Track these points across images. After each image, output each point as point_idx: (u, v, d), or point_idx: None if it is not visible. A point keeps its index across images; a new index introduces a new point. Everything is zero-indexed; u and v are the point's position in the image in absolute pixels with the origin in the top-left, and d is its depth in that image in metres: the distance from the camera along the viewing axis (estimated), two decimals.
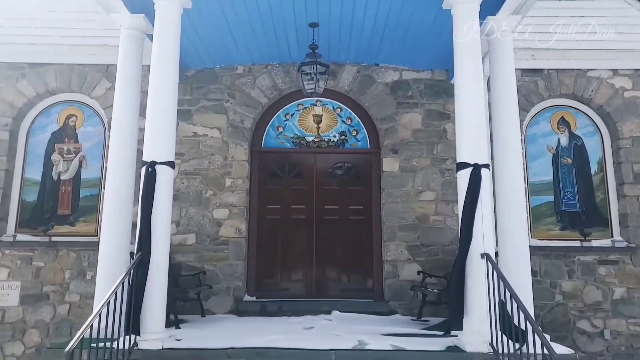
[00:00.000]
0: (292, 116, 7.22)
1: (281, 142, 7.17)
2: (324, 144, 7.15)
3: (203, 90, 6.94)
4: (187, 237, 6.55)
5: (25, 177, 6.82)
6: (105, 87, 6.74)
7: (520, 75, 6.61)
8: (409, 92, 6.98)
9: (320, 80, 6.04)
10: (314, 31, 5.88)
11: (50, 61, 6.79)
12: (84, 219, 6.73)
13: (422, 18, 5.54)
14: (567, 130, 7.04)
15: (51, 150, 6.88)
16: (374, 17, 5.60)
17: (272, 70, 7.02)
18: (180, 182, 6.61)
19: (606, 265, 6.50)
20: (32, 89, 6.82)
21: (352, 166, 7.13)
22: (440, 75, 6.99)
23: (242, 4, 5.24)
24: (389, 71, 7.02)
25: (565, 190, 6.85)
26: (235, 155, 6.80)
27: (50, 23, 6.64)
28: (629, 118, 6.81)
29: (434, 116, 6.90)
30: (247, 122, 6.91)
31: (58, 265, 6.44)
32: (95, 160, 6.85)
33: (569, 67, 6.88)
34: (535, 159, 6.92)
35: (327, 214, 6.90)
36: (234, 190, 6.69)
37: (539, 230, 6.76)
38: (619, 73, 6.91)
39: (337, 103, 7.23)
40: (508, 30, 5.20)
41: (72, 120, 6.96)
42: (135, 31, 5.21)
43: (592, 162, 6.94)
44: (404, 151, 6.82)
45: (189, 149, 6.77)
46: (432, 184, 6.73)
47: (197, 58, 6.66)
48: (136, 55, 5.25)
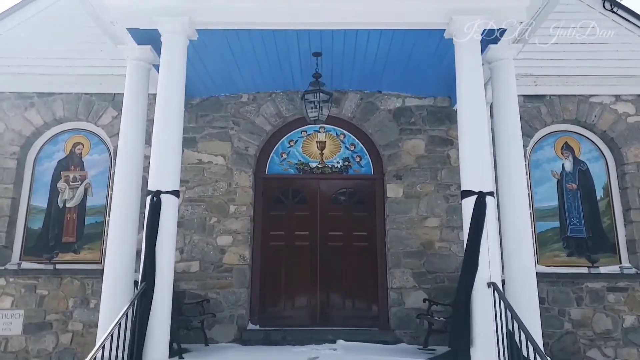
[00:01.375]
0: (295, 143, 7.27)
1: (285, 168, 7.20)
2: (328, 170, 7.17)
3: (208, 118, 7.02)
4: (190, 265, 6.53)
5: (31, 205, 6.86)
6: (112, 116, 6.83)
7: (522, 101, 6.65)
8: (412, 118, 7.02)
9: (323, 108, 6.12)
10: (317, 60, 5.97)
11: (59, 91, 6.92)
12: (89, 246, 6.74)
13: (424, 47, 5.61)
14: (571, 155, 7.03)
15: (57, 178, 6.94)
16: (376, 47, 5.69)
17: (276, 98, 7.10)
18: (184, 209, 6.62)
19: (615, 292, 6.39)
20: (40, 118, 6.92)
21: (356, 192, 7.13)
22: (443, 101, 7.04)
23: (246, 35, 5.33)
24: (391, 98, 7.08)
25: (571, 216, 6.81)
26: (240, 181, 6.83)
27: (59, 54, 6.81)
28: (633, 143, 6.81)
29: (437, 142, 6.92)
30: (251, 149, 6.95)
31: (62, 294, 6.41)
32: (100, 188, 6.90)
33: (571, 92, 6.92)
34: (540, 185, 6.90)
35: (331, 240, 6.87)
36: (238, 217, 6.69)
37: (546, 256, 6.69)
38: (622, 99, 6.94)
39: (340, 129, 7.28)
40: (509, 58, 5.26)
41: (78, 148, 7.04)
42: (141, 62, 5.30)
43: (597, 188, 6.91)
44: (407, 177, 6.82)
45: (194, 176, 6.80)
46: (437, 210, 6.70)
47: (203, 87, 6.75)
48: (142, 85, 5.33)
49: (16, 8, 6.97)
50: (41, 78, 6.85)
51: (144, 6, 4.68)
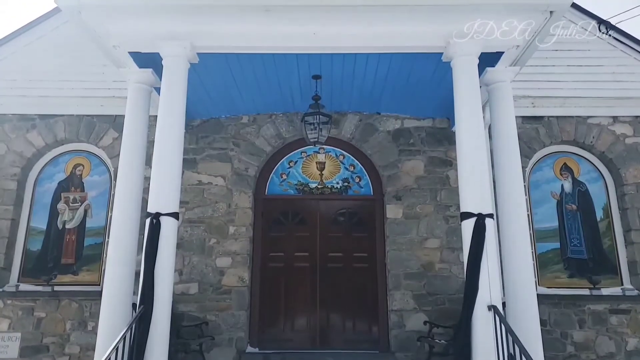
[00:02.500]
0: (295, 163, 7.29)
1: (285, 189, 7.21)
2: (327, 191, 7.18)
3: (208, 140, 7.06)
4: (189, 287, 6.49)
5: (31, 226, 6.85)
6: (113, 137, 6.87)
7: (521, 123, 6.69)
8: (411, 139, 7.06)
9: (323, 129, 6.16)
10: (316, 83, 6.04)
11: (60, 112, 6.97)
12: (88, 267, 6.70)
13: (422, 70, 5.67)
14: (571, 176, 7.05)
15: (57, 199, 6.95)
16: (374, 70, 5.75)
17: (276, 119, 7.15)
18: (184, 230, 6.62)
19: (618, 315, 6.33)
20: (41, 140, 6.96)
21: (356, 213, 7.13)
22: (442, 123, 7.09)
23: (247, 59, 5.40)
24: (390, 119, 7.13)
25: (572, 237, 6.79)
26: (239, 202, 6.83)
27: (61, 76, 6.89)
28: (632, 164, 6.83)
29: (436, 163, 6.95)
30: (251, 169, 6.98)
31: (59, 316, 6.36)
32: (100, 209, 6.90)
33: (569, 114, 6.97)
34: (540, 205, 6.90)
35: (331, 261, 6.84)
36: (237, 238, 6.68)
37: (547, 277, 6.65)
38: (619, 120, 6.99)
39: (340, 150, 7.32)
40: (507, 80, 5.29)
41: (78, 170, 7.06)
42: (143, 85, 5.34)
43: (597, 208, 6.91)
44: (407, 198, 6.83)
45: (194, 197, 6.81)
46: (437, 231, 6.69)
47: (203, 108, 6.81)
48: (143, 107, 5.37)
49: (19, 32, 7.08)
50: (43, 100, 6.92)
51: (146, 31, 4.74)
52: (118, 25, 4.77)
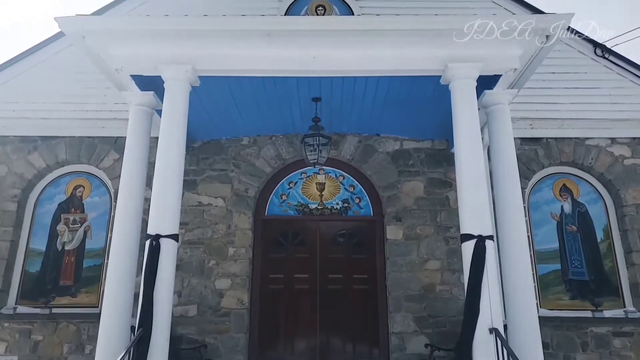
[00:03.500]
0: (295, 184, 7.31)
1: (285, 210, 7.21)
2: (327, 212, 7.18)
3: (209, 161, 7.09)
4: (188, 309, 6.43)
5: (30, 248, 6.83)
6: (113, 159, 6.91)
7: (519, 144, 6.74)
8: (410, 160, 7.09)
9: (322, 150, 6.20)
10: (316, 105, 6.09)
11: (62, 134, 7.02)
12: (86, 289, 6.66)
13: (421, 92, 5.73)
14: (570, 197, 7.05)
15: (57, 220, 6.94)
16: (374, 92, 5.82)
17: (277, 141, 7.20)
18: (183, 251, 6.59)
19: (621, 337, 6.26)
20: (42, 161, 7.00)
21: (356, 233, 7.11)
22: (441, 144, 7.13)
23: (248, 82, 5.46)
24: (389, 141, 7.17)
25: (573, 258, 6.76)
26: (239, 223, 6.83)
27: (63, 98, 6.98)
28: (631, 185, 6.84)
29: (435, 184, 6.96)
30: (251, 190, 6.99)
31: (57, 339, 6.29)
32: (100, 230, 6.89)
33: (567, 135, 7.01)
34: (540, 227, 6.89)
35: (331, 283, 6.80)
36: (237, 260, 6.65)
37: (548, 299, 6.60)
38: (617, 141, 7.03)
39: (339, 171, 7.34)
40: (505, 103, 5.34)
41: (79, 191, 7.07)
42: (144, 107, 5.39)
43: (597, 230, 6.89)
44: (407, 219, 6.82)
45: (193, 218, 6.81)
46: (437, 253, 6.67)
47: (204, 130, 6.86)
48: (145, 130, 5.41)
49: (24, 55, 7.19)
50: (45, 122, 6.98)
51: (149, 55, 4.81)
52: (121, 49, 4.86)
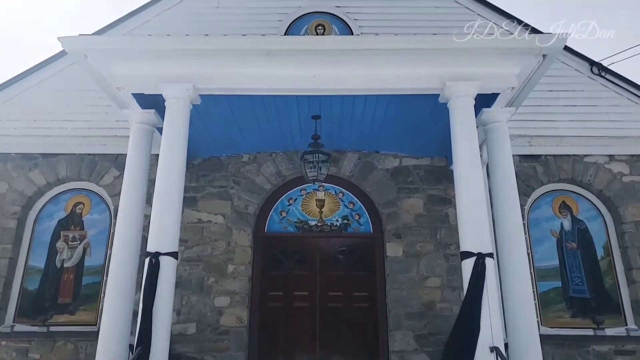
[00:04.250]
0: (295, 201, 7.32)
1: (284, 226, 7.21)
2: (327, 228, 7.18)
3: (209, 178, 7.11)
4: (187, 327, 6.39)
5: (29, 265, 6.81)
6: (114, 176, 6.93)
7: (518, 161, 6.78)
8: (410, 177, 7.11)
9: (322, 167, 6.23)
10: (316, 123, 6.14)
11: (63, 152, 7.05)
12: (85, 307, 6.62)
13: (419, 110, 5.78)
14: (569, 214, 7.06)
15: (57, 237, 6.93)
16: (373, 110, 5.86)
17: (276, 158, 7.23)
18: (182, 269, 6.57)
19: (623, 356, 6.21)
20: (43, 178, 7.02)
21: (356, 250, 7.10)
22: (440, 161, 7.16)
23: (248, 100, 5.51)
24: (389, 158, 7.21)
25: (573, 276, 6.74)
26: (239, 240, 6.82)
27: (65, 116, 7.04)
28: (630, 202, 6.85)
29: (435, 201, 6.97)
30: (251, 207, 7.00)
31: (54, 357, 6.23)
32: (99, 248, 6.87)
33: (566, 152, 7.04)
34: (540, 244, 6.88)
35: (330, 300, 6.76)
36: (236, 277, 6.63)
37: (549, 317, 6.56)
38: (615, 158, 7.06)
39: (339, 188, 7.36)
40: (503, 120, 5.38)
41: (79, 208, 7.08)
42: (145, 125, 5.43)
43: (597, 247, 6.88)
44: (407, 236, 6.82)
45: (193, 235, 6.80)
46: (437, 270, 6.65)
47: (204, 147, 6.89)
48: (145, 147, 5.44)
49: (26, 74, 7.27)
50: (46, 139, 7.02)
51: (150, 74, 4.86)
52: (122, 68, 4.91)
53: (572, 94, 7.17)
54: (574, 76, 7.30)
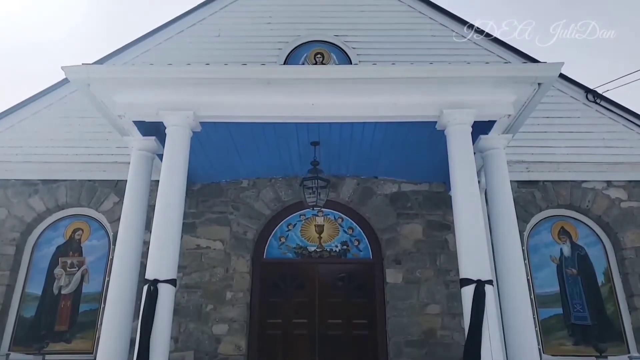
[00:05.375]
0: (294, 226, 7.32)
1: (283, 252, 7.19)
2: (326, 254, 7.16)
3: (208, 204, 7.12)
4: (185, 355, 6.30)
5: (26, 292, 6.76)
6: (113, 202, 6.94)
7: (516, 187, 6.80)
8: (409, 203, 7.13)
9: (321, 193, 6.26)
10: (315, 149, 6.19)
11: (63, 178, 7.09)
12: (81, 335, 6.55)
13: (417, 137, 5.83)
14: (569, 240, 7.05)
15: (55, 263, 6.90)
16: (371, 137, 5.92)
17: (276, 183, 7.26)
18: (180, 295, 6.52)
19: None
20: (42, 204, 7.03)
21: (355, 277, 7.06)
22: (438, 187, 7.18)
23: (248, 127, 5.57)
24: (387, 183, 7.24)
25: (574, 302, 6.69)
26: (237, 267, 6.79)
27: (66, 142, 7.12)
28: (629, 228, 6.85)
29: (434, 227, 6.97)
30: (250, 233, 6.99)
31: None
32: (97, 274, 6.83)
33: (563, 178, 7.07)
34: (540, 270, 6.85)
35: (330, 328, 6.69)
36: (235, 304, 6.57)
37: (551, 345, 6.49)
38: (613, 184, 7.09)
39: (338, 213, 7.36)
40: (500, 147, 5.42)
41: (78, 234, 7.07)
42: (146, 152, 5.47)
43: (598, 273, 6.85)
44: (406, 262, 6.79)
45: (191, 261, 6.78)
46: (437, 296, 6.60)
47: (204, 173, 6.93)
48: (145, 174, 5.46)
49: (29, 101, 7.37)
50: (47, 166, 7.08)
51: (151, 102, 4.92)
52: (124, 96, 4.98)
53: (568, 121, 7.26)
54: (569, 103, 7.41)
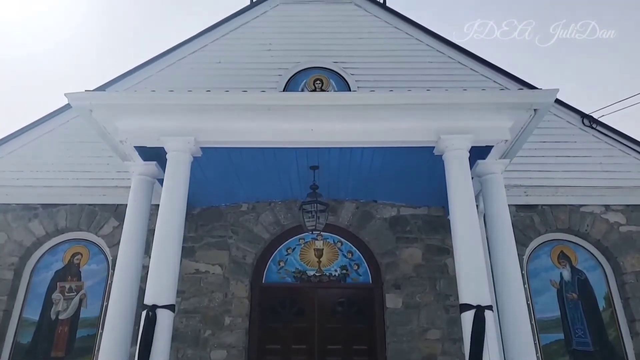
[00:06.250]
0: (293, 250, 7.31)
1: (282, 276, 7.16)
2: (326, 278, 7.13)
3: (208, 228, 7.13)
4: None
5: (23, 317, 6.70)
6: (113, 226, 6.95)
7: (515, 211, 6.83)
8: (408, 227, 7.13)
9: (320, 217, 6.28)
10: (314, 173, 6.23)
11: (63, 202, 7.11)
12: None
13: (415, 161, 5.88)
14: (569, 264, 7.03)
15: (53, 288, 6.86)
16: (370, 161, 5.97)
17: (275, 207, 7.28)
18: (179, 321, 6.47)
19: None
20: (42, 229, 7.03)
21: (355, 302, 7.01)
22: (437, 211, 7.20)
23: (248, 152, 5.62)
24: (386, 207, 7.26)
25: (575, 328, 6.63)
26: (236, 292, 6.75)
27: (67, 167, 7.18)
28: (629, 252, 6.84)
29: (434, 251, 6.97)
30: (249, 257, 6.98)
31: None
32: (95, 299, 6.79)
33: (562, 203, 7.09)
34: (540, 294, 6.81)
35: (329, 354, 6.61)
36: (233, 330, 6.52)
37: None
38: (612, 208, 7.10)
39: (337, 237, 7.36)
40: (498, 172, 5.46)
41: (77, 259, 7.05)
42: (146, 177, 5.50)
43: (598, 298, 6.81)
44: (406, 286, 6.76)
45: (190, 286, 6.74)
46: (437, 322, 6.55)
47: (204, 197, 6.95)
48: (146, 199, 5.49)
49: (31, 126, 7.45)
50: (47, 190, 7.11)
51: (152, 127, 4.98)
52: (126, 122, 5.04)
53: (565, 145, 7.33)
54: (566, 128, 7.49)
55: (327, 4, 8.59)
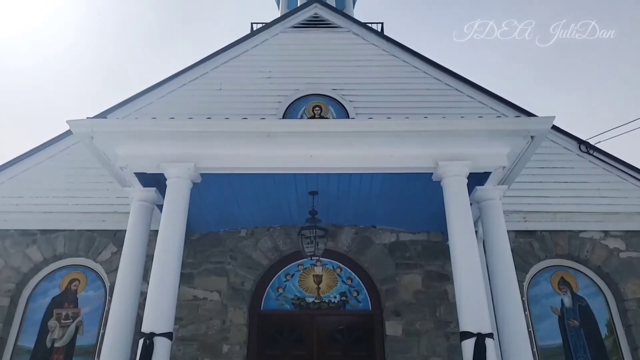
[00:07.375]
0: (292, 276, 7.26)
1: (281, 303, 7.09)
2: (325, 305, 7.06)
3: (206, 253, 7.10)
4: None
5: (18, 345, 6.60)
6: (111, 252, 6.92)
7: (514, 237, 6.82)
8: (407, 253, 7.11)
9: (319, 243, 6.28)
10: (313, 198, 6.26)
11: (62, 227, 7.09)
12: None
13: (414, 187, 5.91)
14: (569, 291, 6.98)
15: (49, 315, 6.78)
16: (368, 187, 6.01)
17: (274, 232, 7.26)
18: (176, 348, 6.38)
19: None
20: (40, 255, 7.00)
21: (354, 329, 6.93)
22: (437, 237, 7.18)
23: (247, 178, 5.66)
24: (386, 233, 7.24)
25: (578, 356, 6.53)
26: (234, 319, 6.68)
27: (66, 193, 7.19)
28: (630, 279, 6.80)
29: (433, 277, 6.92)
30: (247, 283, 6.93)
31: None
32: (92, 326, 6.70)
33: (561, 228, 7.09)
34: (541, 321, 6.73)
35: None
36: (231, 358, 6.42)
37: None
38: (611, 234, 7.10)
39: (336, 263, 7.33)
40: (496, 198, 5.48)
41: (74, 285, 6.99)
42: (146, 203, 5.51)
43: (600, 324, 6.73)
44: (406, 313, 6.70)
45: (188, 313, 6.67)
46: (438, 349, 6.46)
47: (203, 223, 6.95)
48: (145, 225, 5.48)
49: (32, 152, 7.50)
50: (46, 216, 7.11)
51: (153, 154, 5.03)
52: (126, 148, 5.08)
53: (562, 171, 7.37)
54: (563, 154, 7.55)
55: (325, 32, 8.76)
